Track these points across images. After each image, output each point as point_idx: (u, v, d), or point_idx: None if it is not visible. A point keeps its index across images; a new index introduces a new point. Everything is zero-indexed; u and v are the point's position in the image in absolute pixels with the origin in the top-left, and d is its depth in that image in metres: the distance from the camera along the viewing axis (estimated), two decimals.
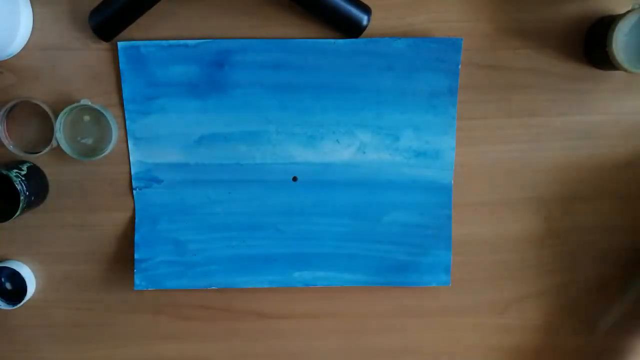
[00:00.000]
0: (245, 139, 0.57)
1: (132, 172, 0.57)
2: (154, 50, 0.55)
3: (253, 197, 0.58)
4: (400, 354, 0.62)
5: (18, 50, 0.55)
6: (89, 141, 0.56)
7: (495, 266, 0.60)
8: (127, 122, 0.56)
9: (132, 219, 0.58)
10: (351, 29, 0.54)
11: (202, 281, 0.59)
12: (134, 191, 0.58)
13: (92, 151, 0.56)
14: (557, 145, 0.58)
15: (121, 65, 0.55)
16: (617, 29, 0.50)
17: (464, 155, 0.58)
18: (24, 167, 0.55)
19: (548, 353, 0.62)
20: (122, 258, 0.59)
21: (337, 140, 0.57)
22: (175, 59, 0.55)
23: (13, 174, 0.52)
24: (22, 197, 0.52)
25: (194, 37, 0.55)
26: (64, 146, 0.55)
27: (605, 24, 0.52)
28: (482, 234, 0.59)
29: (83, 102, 0.54)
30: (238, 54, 0.55)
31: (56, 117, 0.54)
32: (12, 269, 0.58)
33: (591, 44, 0.55)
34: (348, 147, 0.57)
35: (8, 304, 0.58)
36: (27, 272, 0.58)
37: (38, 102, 0.54)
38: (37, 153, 0.56)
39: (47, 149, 0.55)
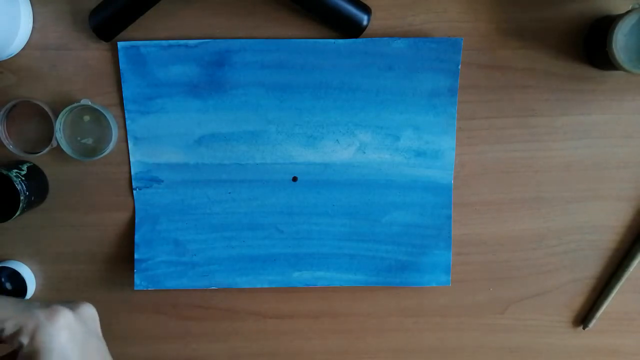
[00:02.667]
0: (245, 139, 0.57)
1: (132, 172, 0.57)
2: (154, 50, 0.55)
3: (253, 197, 0.58)
4: (400, 354, 0.62)
5: (18, 50, 0.55)
6: (89, 141, 0.56)
7: (495, 266, 0.60)
8: (127, 122, 0.56)
9: (132, 219, 0.58)
10: (351, 29, 0.54)
11: (202, 281, 0.59)
12: (134, 191, 0.58)
13: (92, 151, 0.56)
14: (557, 145, 0.58)
15: (121, 65, 0.55)
16: (617, 29, 0.50)
17: (464, 155, 0.58)
18: (24, 167, 0.55)
19: (548, 353, 0.62)
20: (122, 258, 0.59)
21: (337, 140, 0.57)
22: (175, 59, 0.55)
23: (13, 174, 0.52)
24: (22, 197, 0.52)
25: (194, 37, 0.55)
26: (64, 146, 0.55)
27: (605, 24, 0.52)
28: (482, 234, 0.59)
29: (83, 102, 0.54)
30: (238, 54, 0.55)
31: (56, 117, 0.54)
32: (12, 269, 0.58)
33: (591, 44, 0.55)
34: (348, 147, 0.57)
35: None
36: (27, 272, 0.58)
37: (38, 102, 0.54)
38: (37, 153, 0.56)
39: (47, 149, 0.55)
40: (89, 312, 0.34)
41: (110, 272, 0.60)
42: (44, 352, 0.30)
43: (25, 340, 0.31)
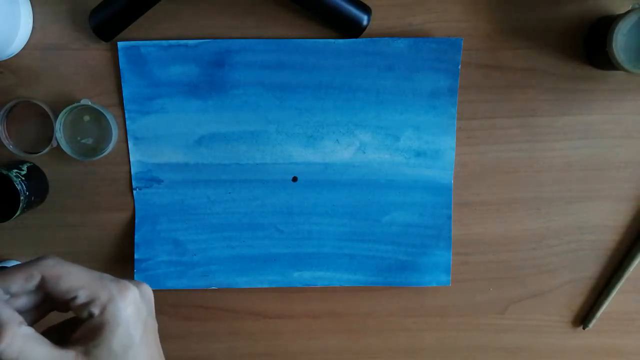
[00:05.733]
0: (245, 139, 0.57)
1: (132, 172, 0.57)
2: (154, 50, 0.55)
3: (253, 197, 0.58)
4: (400, 354, 0.62)
5: (18, 50, 0.55)
6: (89, 141, 0.56)
7: (495, 266, 0.60)
8: (127, 122, 0.56)
9: (132, 219, 0.58)
10: (351, 29, 0.54)
11: (202, 281, 0.59)
12: (134, 191, 0.58)
13: (92, 151, 0.56)
14: (557, 145, 0.58)
15: (121, 65, 0.55)
16: (617, 29, 0.50)
17: (464, 155, 0.58)
18: (24, 167, 0.55)
19: (548, 353, 0.62)
20: (122, 258, 0.59)
21: (337, 140, 0.57)
22: (175, 59, 0.55)
23: (13, 174, 0.52)
24: (22, 197, 0.52)
25: (194, 37, 0.55)
26: (64, 146, 0.55)
27: (605, 24, 0.52)
28: (482, 234, 0.59)
29: (83, 102, 0.54)
30: (238, 54, 0.55)
31: (56, 117, 0.54)
32: None
33: (591, 44, 0.55)
34: (348, 147, 0.57)
35: None
36: None
37: (38, 102, 0.54)
38: (37, 153, 0.56)
39: (47, 149, 0.55)
40: (149, 292, 0.35)
41: (110, 272, 0.59)
42: (112, 325, 0.31)
43: (96, 311, 0.31)
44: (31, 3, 0.54)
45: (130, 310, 0.32)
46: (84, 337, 0.31)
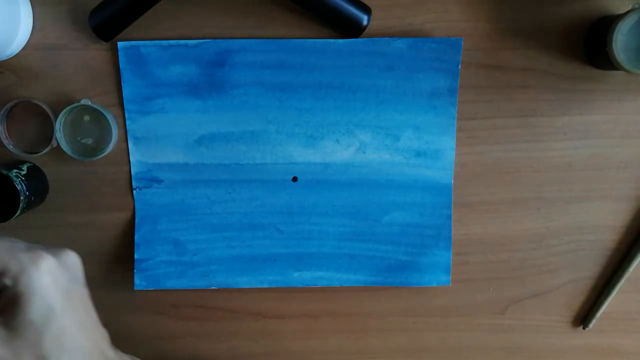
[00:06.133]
0: (245, 139, 0.57)
1: (132, 172, 0.57)
2: (154, 50, 0.55)
3: (253, 197, 0.58)
4: (400, 354, 0.62)
5: (18, 50, 0.55)
6: (89, 141, 0.56)
7: (495, 266, 0.60)
8: (127, 122, 0.56)
9: (132, 219, 0.58)
10: (351, 29, 0.54)
11: (202, 281, 0.59)
12: (134, 191, 0.58)
13: (92, 151, 0.56)
14: (557, 145, 0.58)
15: (121, 65, 0.55)
16: (617, 29, 0.50)
17: (464, 155, 0.58)
18: (24, 167, 0.55)
19: (548, 353, 0.62)
20: (122, 258, 0.59)
21: (337, 140, 0.57)
22: (175, 59, 0.55)
23: (13, 174, 0.52)
24: (22, 197, 0.52)
25: (194, 37, 0.55)
26: (64, 146, 0.55)
27: (605, 24, 0.52)
28: (482, 234, 0.59)
29: (83, 102, 0.54)
30: (238, 54, 0.55)
31: (56, 117, 0.54)
32: None
33: (591, 44, 0.55)
34: (348, 147, 0.57)
35: None
36: None
37: (38, 102, 0.54)
38: (37, 153, 0.56)
39: (47, 149, 0.55)
40: (72, 259, 0.34)
41: (110, 272, 0.60)
42: (26, 295, 0.30)
43: (9, 282, 0.31)
44: (31, 3, 0.54)
45: (46, 279, 0.31)
46: (2, 309, 0.31)
